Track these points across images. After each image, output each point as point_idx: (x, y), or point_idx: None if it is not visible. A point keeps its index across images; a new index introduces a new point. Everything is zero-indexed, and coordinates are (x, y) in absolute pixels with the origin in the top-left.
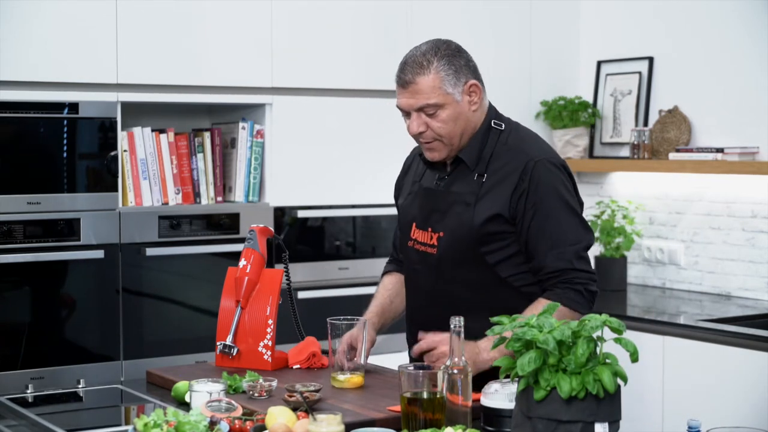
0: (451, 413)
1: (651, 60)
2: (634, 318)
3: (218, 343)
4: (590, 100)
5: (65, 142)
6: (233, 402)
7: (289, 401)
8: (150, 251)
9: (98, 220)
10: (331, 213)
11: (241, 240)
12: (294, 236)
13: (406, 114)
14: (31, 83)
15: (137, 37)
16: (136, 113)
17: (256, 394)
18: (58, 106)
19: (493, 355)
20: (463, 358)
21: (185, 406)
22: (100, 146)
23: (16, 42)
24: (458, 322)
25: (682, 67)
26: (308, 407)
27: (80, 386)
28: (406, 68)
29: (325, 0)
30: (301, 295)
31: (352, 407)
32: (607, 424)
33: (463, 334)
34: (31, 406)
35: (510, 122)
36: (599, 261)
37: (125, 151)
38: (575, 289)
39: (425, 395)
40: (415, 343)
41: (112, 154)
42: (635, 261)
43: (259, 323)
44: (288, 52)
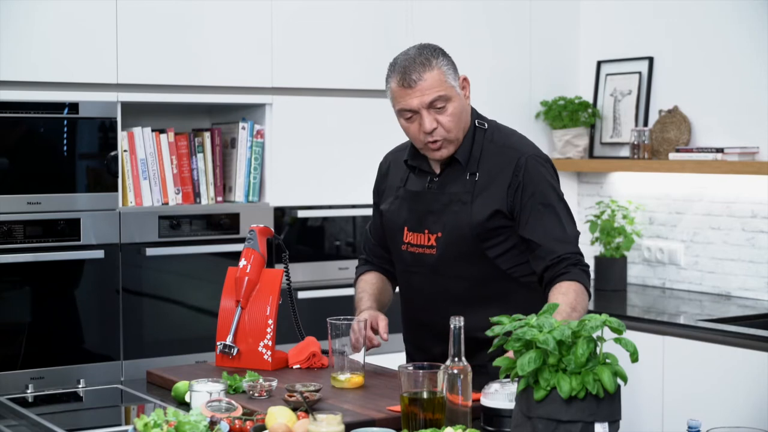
0: (451, 413)
1: (651, 60)
2: (634, 318)
3: (218, 343)
4: (590, 100)
5: (65, 142)
6: (233, 402)
7: (289, 401)
8: (150, 251)
9: (98, 220)
10: (331, 213)
11: (241, 240)
12: (294, 236)
13: (412, 116)
14: (32, 83)
15: (137, 37)
16: (136, 113)
17: (256, 394)
18: (58, 106)
19: None
20: (464, 358)
21: (185, 406)
22: (100, 146)
23: (16, 42)
24: (458, 322)
25: (682, 67)
26: (308, 407)
27: (80, 386)
28: (409, 69)
29: (325, 0)
30: (301, 295)
31: (352, 407)
32: (607, 424)
33: (463, 334)
34: (31, 406)
35: (490, 121)
36: (599, 261)
37: (125, 151)
38: (584, 270)
39: (425, 395)
40: (412, 346)
41: (112, 154)
42: (635, 261)
43: (259, 323)
44: (288, 52)
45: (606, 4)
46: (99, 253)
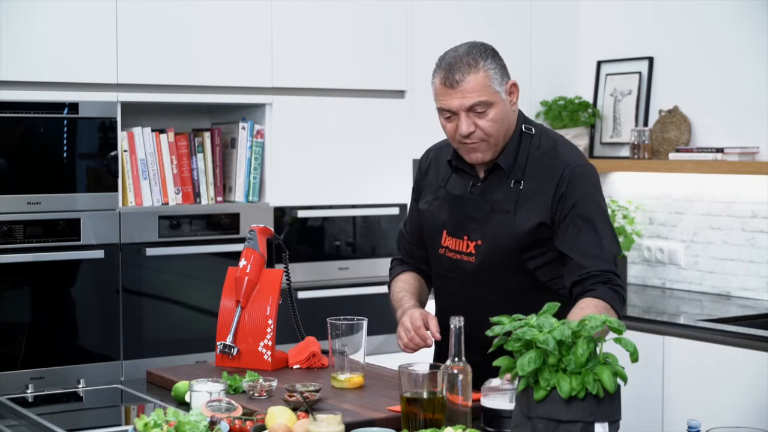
0: (451, 413)
1: (651, 60)
2: (634, 318)
3: (218, 343)
4: (590, 100)
5: (65, 142)
6: (233, 402)
7: (289, 401)
8: (150, 251)
9: (98, 220)
10: (331, 213)
11: (241, 240)
12: (294, 236)
13: (451, 116)
14: (32, 83)
15: (137, 37)
16: (136, 113)
17: (256, 394)
18: (58, 106)
19: None
20: (464, 358)
21: (185, 406)
22: (100, 146)
23: (16, 42)
24: (458, 322)
25: (682, 67)
26: (308, 407)
27: (80, 386)
28: (454, 68)
29: (325, 0)
30: (301, 295)
31: (352, 407)
32: (607, 424)
33: (463, 334)
34: (31, 406)
35: (537, 125)
36: None
37: (125, 151)
38: (615, 290)
39: (425, 395)
40: (442, 349)
41: (112, 154)
42: (635, 261)
43: (259, 323)
44: (288, 52)
45: (606, 4)
46: (99, 253)
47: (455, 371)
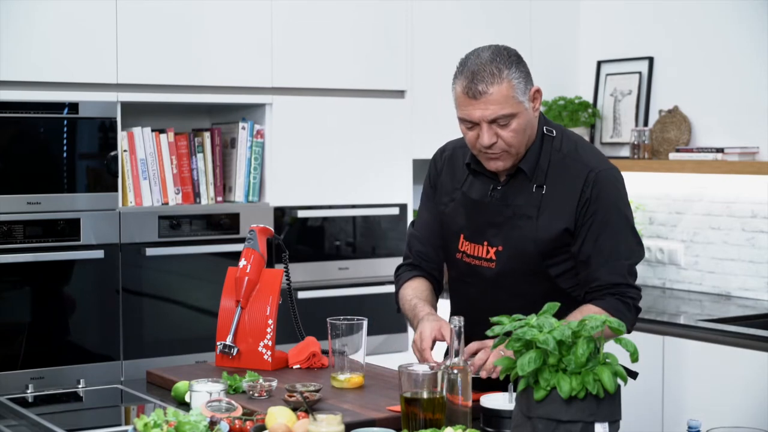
0: (451, 413)
1: (651, 60)
2: None
3: (218, 343)
4: (590, 100)
5: (65, 142)
6: (233, 402)
7: (289, 401)
8: (150, 251)
9: (98, 220)
10: (331, 213)
11: (241, 240)
12: (294, 236)
13: (472, 125)
14: (31, 83)
15: (137, 37)
16: (136, 113)
17: (256, 394)
18: (58, 106)
19: None
20: (463, 358)
21: (185, 406)
22: (100, 146)
23: (16, 42)
24: (458, 322)
25: (682, 67)
26: (308, 407)
27: (80, 386)
28: (477, 78)
29: (325, 0)
30: (301, 295)
31: (352, 407)
32: (607, 424)
33: (463, 334)
34: (31, 406)
35: (557, 127)
36: None
37: (125, 151)
38: (624, 302)
39: (425, 395)
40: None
41: (112, 154)
42: None
43: (259, 323)
44: (288, 52)
45: (606, 4)
46: (99, 253)
47: (455, 371)
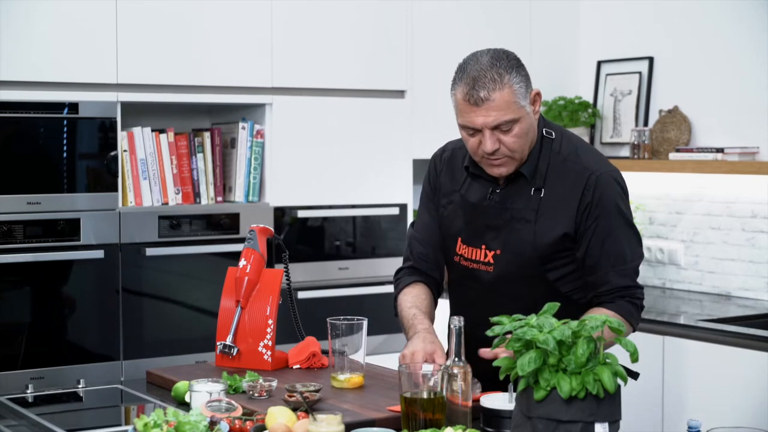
0: (451, 413)
1: (651, 60)
2: None
3: (218, 343)
4: (590, 100)
5: (65, 142)
6: (233, 402)
7: (289, 401)
8: (150, 251)
9: (98, 220)
10: (331, 213)
11: (241, 240)
12: (294, 236)
13: (474, 132)
14: (31, 83)
15: (137, 37)
16: (136, 113)
17: (256, 394)
18: (58, 106)
19: None
20: (464, 358)
21: (185, 406)
22: (100, 146)
23: (16, 42)
24: (458, 322)
25: (682, 67)
26: (308, 407)
27: (80, 386)
28: (478, 84)
29: (325, 0)
30: (301, 295)
31: (352, 407)
32: (607, 424)
33: (463, 334)
34: (31, 406)
35: (557, 128)
36: None
37: (125, 151)
38: (634, 303)
39: (425, 395)
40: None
41: (112, 154)
42: None
43: (259, 323)
44: (288, 52)
45: (606, 4)
46: (99, 253)
47: (455, 371)
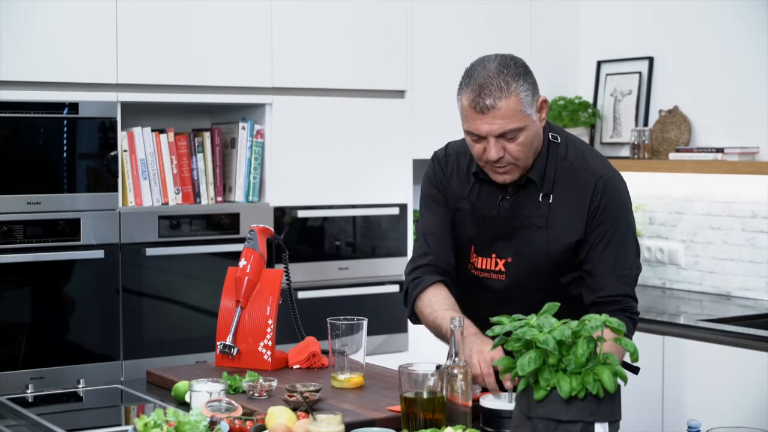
0: (451, 413)
1: (651, 60)
2: None
3: (218, 343)
4: (590, 100)
5: (65, 142)
6: (233, 402)
7: (289, 401)
8: (150, 251)
9: (98, 220)
10: (331, 213)
11: (241, 240)
12: (294, 236)
13: (479, 138)
14: (31, 83)
15: (137, 37)
16: (136, 113)
17: (256, 394)
18: (58, 106)
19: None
20: (464, 358)
21: (185, 406)
22: (100, 146)
23: (16, 42)
24: (458, 322)
25: (682, 67)
26: (308, 407)
27: (80, 386)
28: (484, 92)
29: (325, 0)
30: (301, 295)
31: (352, 407)
32: (607, 424)
33: (463, 334)
34: (31, 406)
35: (561, 132)
36: None
37: (125, 151)
38: (631, 318)
39: (425, 395)
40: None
41: (112, 154)
42: None
43: (259, 323)
44: (288, 52)
45: (606, 4)
46: (99, 253)
47: (455, 371)
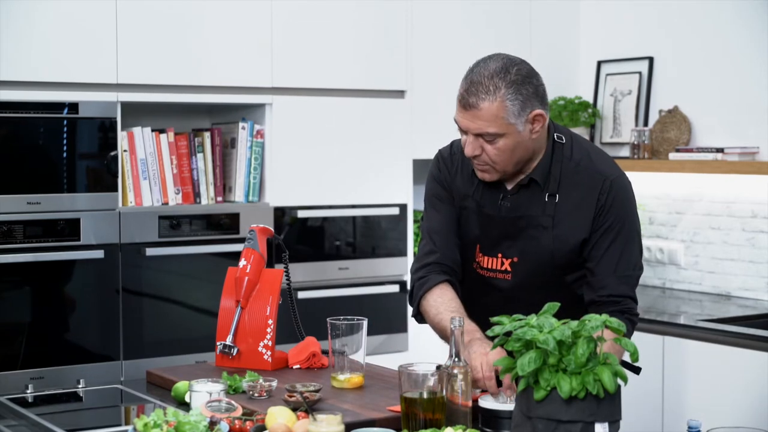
0: (451, 413)
1: (651, 60)
2: None
3: (218, 343)
4: (590, 100)
5: (65, 142)
6: (233, 402)
7: (289, 401)
8: (150, 251)
9: (98, 220)
10: (331, 213)
11: (241, 240)
12: (294, 236)
13: (463, 132)
14: (31, 83)
15: (137, 37)
16: (136, 113)
17: (256, 394)
18: (58, 106)
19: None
20: (463, 358)
21: (185, 406)
22: (100, 146)
23: (16, 42)
24: (458, 322)
25: (682, 67)
26: (308, 407)
27: (80, 386)
28: (471, 89)
29: (325, 0)
30: (301, 295)
31: (352, 407)
32: (607, 424)
33: (463, 335)
34: (31, 406)
35: (566, 132)
36: None
37: (125, 151)
38: (630, 320)
39: (425, 395)
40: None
41: (112, 154)
42: None
43: (259, 323)
44: (288, 52)
45: (606, 4)
46: (99, 253)
47: (455, 371)
